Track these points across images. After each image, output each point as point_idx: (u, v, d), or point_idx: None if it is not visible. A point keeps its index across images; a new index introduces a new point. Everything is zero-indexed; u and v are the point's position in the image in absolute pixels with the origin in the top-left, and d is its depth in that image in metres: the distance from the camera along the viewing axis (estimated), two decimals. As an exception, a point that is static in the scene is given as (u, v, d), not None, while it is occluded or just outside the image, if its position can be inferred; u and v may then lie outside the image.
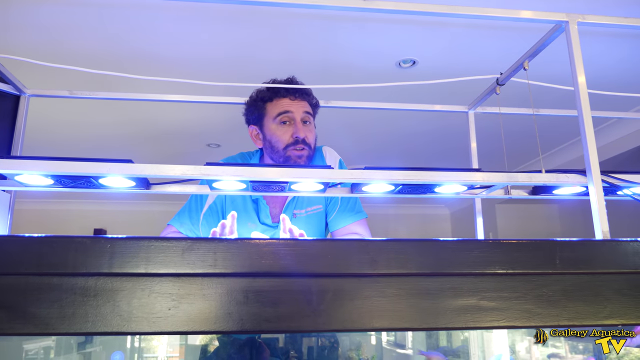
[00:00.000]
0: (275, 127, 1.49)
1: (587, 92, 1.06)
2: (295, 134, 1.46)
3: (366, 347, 1.30)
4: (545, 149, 4.93)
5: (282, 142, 1.47)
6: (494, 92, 1.52)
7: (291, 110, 1.48)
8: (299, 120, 1.48)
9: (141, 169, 0.97)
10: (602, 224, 0.95)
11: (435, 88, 3.25)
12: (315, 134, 1.55)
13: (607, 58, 3.02)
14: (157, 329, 0.66)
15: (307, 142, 1.47)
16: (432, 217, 7.48)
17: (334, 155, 1.63)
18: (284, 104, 1.49)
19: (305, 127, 1.49)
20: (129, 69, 3.04)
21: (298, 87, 1.49)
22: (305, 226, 1.51)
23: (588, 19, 1.11)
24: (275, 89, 1.50)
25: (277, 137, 1.48)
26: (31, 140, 4.18)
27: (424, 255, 0.74)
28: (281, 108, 1.48)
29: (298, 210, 1.54)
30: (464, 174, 1.07)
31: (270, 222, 1.53)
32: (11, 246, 0.68)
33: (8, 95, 1.45)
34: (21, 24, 2.59)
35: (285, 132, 1.47)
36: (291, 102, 1.49)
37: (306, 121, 1.50)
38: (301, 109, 1.49)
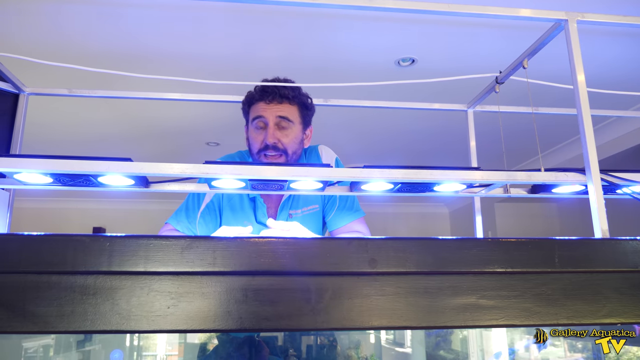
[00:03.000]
0: (252, 131, 1.50)
1: (587, 91, 1.06)
2: (265, 140, 1.45)
3: (365, 346, 1.30)
4: (544, 147, 4.93)
5: (255, 146, 1.48)
6: (493, 91, 1.52)
7: (264, 115, 1.47)
8: (272, 124, 1.45)
9: (140, 167, 0.97)
10: (601, 223, 0.95)
11: (434, 86, 3.25)
12: (301, 136, 1.52)
13: (606, 56, 3.02)
14: (156, 327, 0.66)
15: (281, 148, 1.45)
16: (431, 216, 7.48)
17: (330, 154, 1.62)
18: (259, 108, 1.48)
19: (280, 132, 1.47)
20: (127, 68, 3.04)
21: (274, 90, 1.46)
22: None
23: (587, 17, 1.11)
24: (252, 93, 1.50)
25: (252, 141, 1.50)
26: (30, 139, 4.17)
27: (423, 254, 0.74)
28: (256, 112, 1.49)
29: (294, 211, 1.54)
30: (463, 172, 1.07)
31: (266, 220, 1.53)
32: (10, 244, 0.68)
33: (7, 94, 1.45)
34: (20, 22, 2.59)
35: (258, 136, 1.47)
36: (265, 107, 1.47)
37: (283, 126, 1.47)
38: (275, 113, 1.46)
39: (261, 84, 1.48)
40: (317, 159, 1.60)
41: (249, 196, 1.53)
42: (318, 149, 1.63)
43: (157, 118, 4.08)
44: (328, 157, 1.61)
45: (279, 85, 1.46)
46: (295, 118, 1.50)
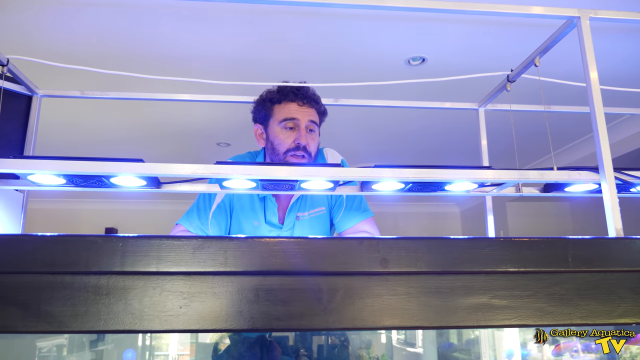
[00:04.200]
0: (279, 131, 1.49)
1: (600, 88, 1.05)
2: (297, 140, 1.46)
3: (376, 346, 1.29)
4: (556, 146, 4.89)
5: (284, 146, 1.48)
6: (505, 89, 1.51)
7: (297, 117, 1.48)
8: (303, 127, 1.48)
9: (152, 168, 0.98)
10: (615, 222, 0.94)
11: (445, 85, 3.23)
12: (318, 142, 1.55)
13: (619, 53, 2.99)
14: (168, 327, 0.67)
15: (308, 150, 1.48)
16: (442, 215, 7.45)
17: (335, 156, 1.63)
18: (291, 109, 1.49)
19: (309, 135, 1.49)
20: (139, 69, 3.06)
21: (308, 93, 1.49)
22: (309, 229, 1.52)
23: (600, 14, 1.10)
24: (285, 93, 1.50)
25: (279, 140, 1.49)
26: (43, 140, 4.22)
27: (435, 254, 0.74)
28: (288, 113, 1.49)
29: (301, 213, 1.55)
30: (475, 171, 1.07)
31: (276, 222, 1.53)
32: (25, 245, 0.68)
33: (20, 96, 1.46)
34: (33, 26, 2.61)
35: (288, 136, 1.48)
36: (299, 108, 1.49)
37: (311, 129, 1.50)
38: (307, 117, 1.49)
39: (272, 84, 1.49)
40: (323, 161, 1.60)
41: (259, 196, 1.54)
42: (323, 151, 1.63)
43: (168, 119, 4.10)
44: (333, 159, 1.62)
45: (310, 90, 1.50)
46: (318, 123, 1.54)
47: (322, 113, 1.56)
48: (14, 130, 1.43)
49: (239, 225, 1.52)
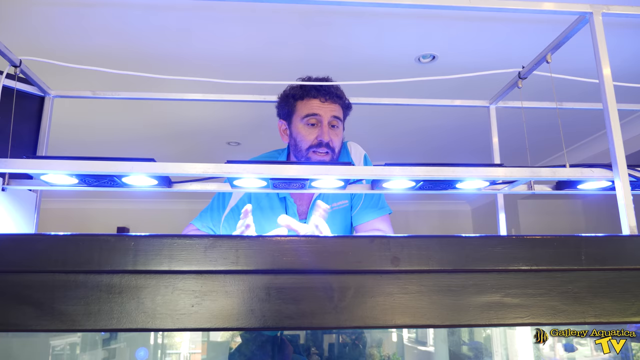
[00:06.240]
0: (302, 127, 1.48)
1: (613, 85, 1.04)
2: (320, 137, 1.45)
3: (387, 344, 1.29)
4: (569, 143, 4.84)
5: (306, 142, 1.47)
6: (516, 86, 1.49)
7: (320, 113, 1.46)
8: (326, 123, 1.46)
9: (163, 167, 0.98)
10: (629, 219, 0.93)
11: (455, 83, 3.22)
12: (342, 137, 1.54)
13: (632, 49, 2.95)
14: (180, 326, 0.67)
15: (331, 146, 1.46)
16: (453, 213, 7.42)
17: (359, 151, 1.62)
18: (313, 105, 1.48)
19: (332, 130, 1.48)
20: (150, 70, 3.08)
21: (330, 89, 1.48)
22: (331, 222, 1.50)
23: (613, 9, 1.09)
24: (307, 89, 1.48)
25: (302, 137, 1.48)
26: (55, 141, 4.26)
27: (447, 252, 0.74)
28: (310, 109, 1.47)
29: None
30: (486, 169, 1.06)
31: (297, 219, 1.53)
32: (39, 244, 0.69)
33: (33, 97, 1.48)
34: (45, 26, 2.64)
35: (310, 133, 1.47)
36: (321, 105, 1.47)
37: (334, 125, 1.49)
38: (330, 113, 1.47)
39: (297, 83, 1.48)
40: (346, 155, 1.60)
41: (279, 196, 1.53)
42: (347, 145, 1.63)
43: (178, 119, 4.13)
44: (357, 154, 1.61)
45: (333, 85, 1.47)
46: (342, 118, 1.53)
47: (347, 107, 1.54)
48: (27, 130, 1.45)
49: (261, 226, 1.51)
